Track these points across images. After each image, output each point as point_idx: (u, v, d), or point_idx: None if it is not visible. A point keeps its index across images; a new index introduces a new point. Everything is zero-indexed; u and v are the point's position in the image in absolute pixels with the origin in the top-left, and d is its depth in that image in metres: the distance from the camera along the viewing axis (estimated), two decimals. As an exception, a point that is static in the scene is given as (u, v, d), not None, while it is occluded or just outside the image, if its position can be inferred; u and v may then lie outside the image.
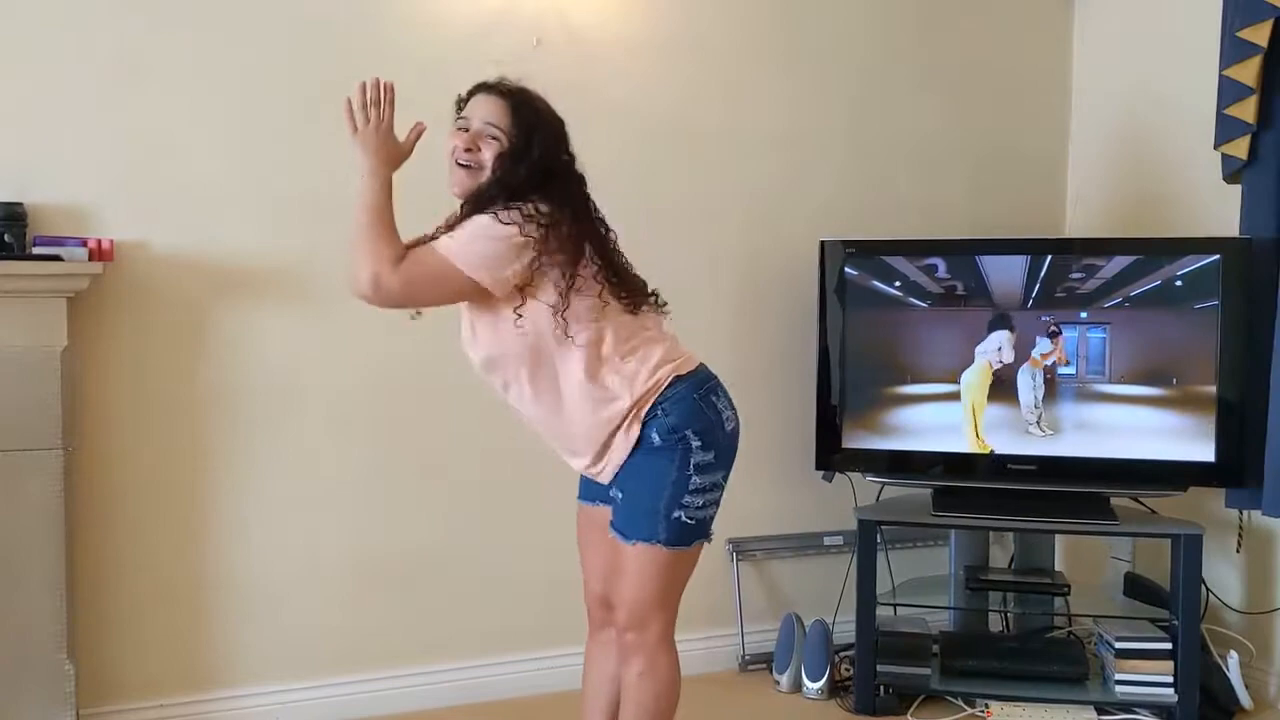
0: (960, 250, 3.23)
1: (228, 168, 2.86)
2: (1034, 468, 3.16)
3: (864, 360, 3.25)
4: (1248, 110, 3.00)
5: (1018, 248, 3.22)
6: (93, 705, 2.78)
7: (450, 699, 3.12)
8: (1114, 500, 3.14)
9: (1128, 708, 3.03)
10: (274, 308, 2.92)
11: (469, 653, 3.16)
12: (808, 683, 3.24)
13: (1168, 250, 3.10)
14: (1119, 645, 3.04)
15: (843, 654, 3.34)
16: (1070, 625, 3.53)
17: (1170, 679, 2.98)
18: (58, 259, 2.58)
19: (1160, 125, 3.51)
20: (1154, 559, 3.30)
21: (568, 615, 2.63)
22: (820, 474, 3.34)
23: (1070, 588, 3.24)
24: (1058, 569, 3.53)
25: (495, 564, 3.17)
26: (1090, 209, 3.74)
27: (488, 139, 2.06)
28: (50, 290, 2.58)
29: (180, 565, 2.88)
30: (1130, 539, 3.33)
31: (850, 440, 3.26)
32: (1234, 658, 3.09)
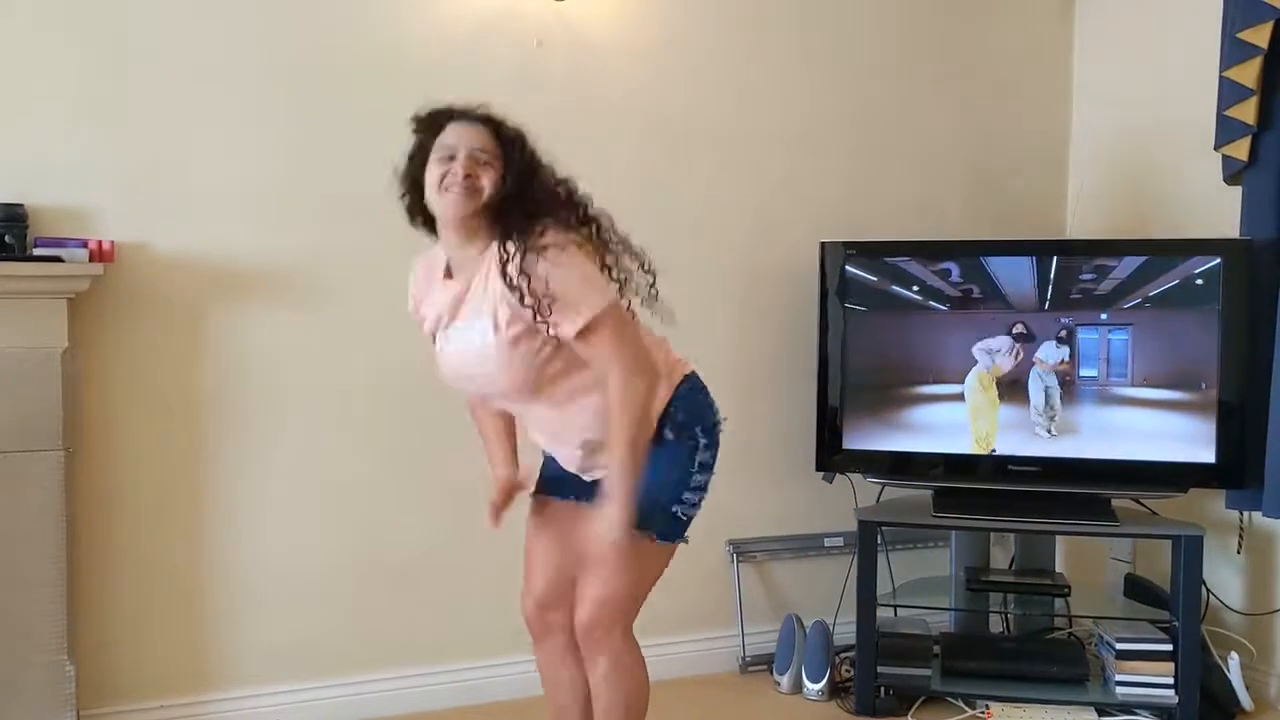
0: (961, 251, 3.23)
1: (228, 170, 2.86)
2: (1035, 469, 3.16)
3: (865, 361, 3.25)
4: (1248, 111, 3.01)
5: (1018, 249, 3.22)
6: (93, 706, 2.78)
7: (451, 700, 3.12)
8: (1114, 501, 3.14)
9: (1128, 709, 3.03)
10: (274, 309, 2.92)
11: (470, 653, 3.16)
12: (808, 684, 3.24)
13: (1168, 252, 3.10)
14: (1119, 646, 3.03)
15: (843, 655, 3.34)
16: (1071, 626, 3.53)
17: (1171, 680, 2.98)
18: (58, 260, 2.58)
19: (1161, 126, 3.51)
20: (1154, 560, 3.29)
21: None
22: (821, 475, 3.33)
23: (1071, 589, 3.24)
24: (1058, 570, 3.53)
25: (496, 564, 3.15)
26: (1091, 210, 3.73)
27: (483, 165, 2.01)
28: (51, 291, 2.58)
29: (180, 566, 2.89)
30: (1131, 540, 3.32)
31: (851, 441, 3.26)
32: (1234, 659, 3.09)
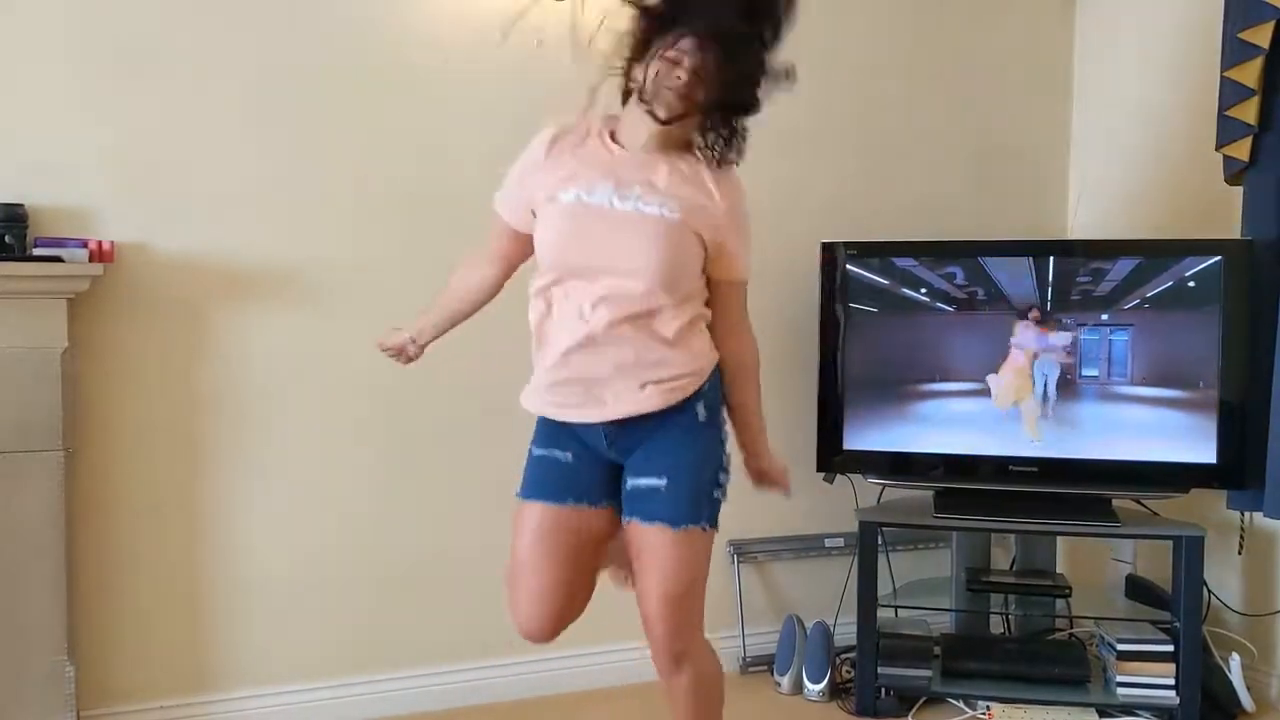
0: (962, 252, 3.22)
1: (229, 170, 2.86)
2: (1035, 469, 3.16)
3: (865, 361, 3.25)
4: (1249, 112, 3.00)
5: (1019, 249, 3.22)
6: (93, 707, 2.78)
7: (451, 700, 3.12)
8: (1115, 502, 3.14)
9: (1129, 710, 3.03)
10: (274, 309, 2.92)
11: (471, 654, 3.16)
12: (809, 685, 3.24)
13: (1169, 252, 3.09)
14: (1120, 647, 3.03)
15: (844, 656, 3.34)
16: (1071, 627, 3.52)
17: (1171, 681, 2.98)
18: (58, 260, 2.58)
19: (1161, 126, 3.51)
20: (1155, 561, 3.29)
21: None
22: (821, 475, 3.33)
23: (1071, 590, 3.24)
24: (1059, 571, 3.53)
25: (497, 565, 3.15)
26: (1092, 210, 3.73)
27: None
28: (51, 292, 2.58)
29: (181, 566, 2.89)
30: (1132, 541, 3.32)
31: (851, 442, 3.25)
32: (1235, 660, 3.09)
